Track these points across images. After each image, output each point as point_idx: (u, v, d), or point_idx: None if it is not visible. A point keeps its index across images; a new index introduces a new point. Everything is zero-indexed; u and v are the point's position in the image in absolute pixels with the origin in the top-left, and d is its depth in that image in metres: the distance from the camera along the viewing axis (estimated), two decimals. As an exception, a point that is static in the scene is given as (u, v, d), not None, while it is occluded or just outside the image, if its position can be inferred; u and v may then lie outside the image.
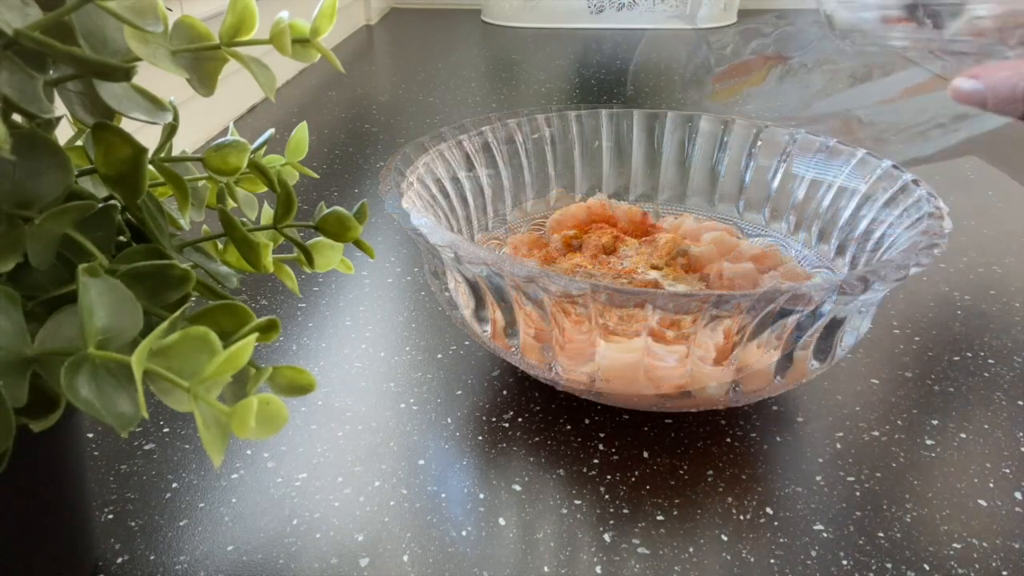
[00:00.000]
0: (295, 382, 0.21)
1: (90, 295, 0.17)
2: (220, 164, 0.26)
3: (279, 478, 0.32)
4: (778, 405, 0.36)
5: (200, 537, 0.29)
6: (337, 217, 0.27)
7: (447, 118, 0.81)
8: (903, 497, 0.31)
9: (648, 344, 0.31)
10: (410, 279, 0.48)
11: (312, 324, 0.43)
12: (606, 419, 0.35)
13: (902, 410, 0.36)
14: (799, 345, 0.31)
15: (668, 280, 0.39)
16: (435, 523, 0.30)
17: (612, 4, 1.34)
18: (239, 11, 0.21)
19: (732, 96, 0.43)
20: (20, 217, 0.18)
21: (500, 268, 0.29)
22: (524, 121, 0.46)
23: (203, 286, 0.23)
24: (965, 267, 0.50)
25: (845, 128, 0.41)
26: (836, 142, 0.42)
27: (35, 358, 0.17)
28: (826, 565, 0.28)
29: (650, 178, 0.49)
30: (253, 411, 0.16)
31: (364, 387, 0.38)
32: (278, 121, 0.78)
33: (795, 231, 0.44)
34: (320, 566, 0.28)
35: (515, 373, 0.39)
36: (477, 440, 0.34)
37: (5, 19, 0.17)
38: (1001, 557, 0.28)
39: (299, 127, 0.30)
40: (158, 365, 0.17)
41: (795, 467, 0.33)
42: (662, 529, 0.29)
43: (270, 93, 0.22)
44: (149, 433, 0.34)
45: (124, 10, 0.18)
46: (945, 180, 0.64)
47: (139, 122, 0.21)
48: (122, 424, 0.17)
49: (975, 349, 0.41)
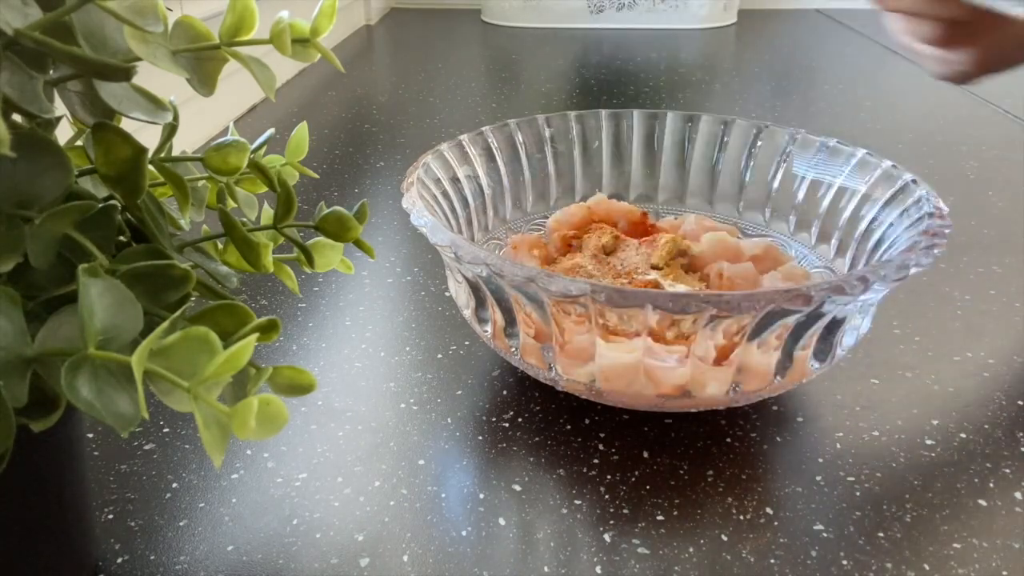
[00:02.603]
0: (295, 382, 0.21)
1: (90, 295, 0.17)
2: (220, 164, 0.26)
3: (279, 478, 0.32)
4: (778, 405, 0.36)
5: (200, 537, 0.29)
6: (337, 217, 0.27)
7: (447, 118, 0.81)
8: (903, 497, 0.31)
9: (648, 344, 0.31)
10: (410, 279, 0.48)
11: (312, 324, 0.43)
12: (606, 419, 0.35)
13: (902, 410, 0.36)
14: (799, 345, 0.31)
15: (668, 280, 0.39)
16: (435, 523, 0.30)
17: (612, 4, 1.34)
18: (239, 11, 0.21)
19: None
20: (20, 217, 0.18)
21: (500, 268, 0.29)
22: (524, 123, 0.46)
23: (203, 286, 0.23)
24: (965, 267, 0.50)
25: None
26: (836, 142, 0.42)
27: (35, 358, 0.17)
28: (826, 565, 0.28)
29: (650, 178, 0.49)
30: (253, 411, 0.16)
31: (364, 387, 0.38)
32: (278, 121, 0.78)
33: (795, 231, 0.44)
34: (320, 566, 0.28)
35: (515, 373, 0.39)
36: (477, 440, 0.34)
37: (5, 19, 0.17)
38: (1001, 557, 0.28)
39: (299, 127, 0.30)
40: (158, 365, 0.17)
41: (795, 467, 0.33)
42: (662, 529, 0.29)
43: (270, 93, 0.22)
44: (149, 433, 0.34)
45: (124, 10, 0.18)
46: (945, 180, 0.64)
47: (139, 122, 0.21)
48: (122, 424, 0.17)
49: (975, 349, 0.41)
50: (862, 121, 0.81)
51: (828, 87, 0.95)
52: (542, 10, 1.34)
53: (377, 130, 0.76)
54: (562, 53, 1.13)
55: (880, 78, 1.00)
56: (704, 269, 0.40)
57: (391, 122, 0.79)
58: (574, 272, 0.40)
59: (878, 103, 0.88)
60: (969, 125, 0.79)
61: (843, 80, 0.98)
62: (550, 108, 0.84)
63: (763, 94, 0.92)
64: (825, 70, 1.05)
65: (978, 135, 0.76)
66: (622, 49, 1.16)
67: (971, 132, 0.77)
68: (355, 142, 0.73)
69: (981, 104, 0.87)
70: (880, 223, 0.38)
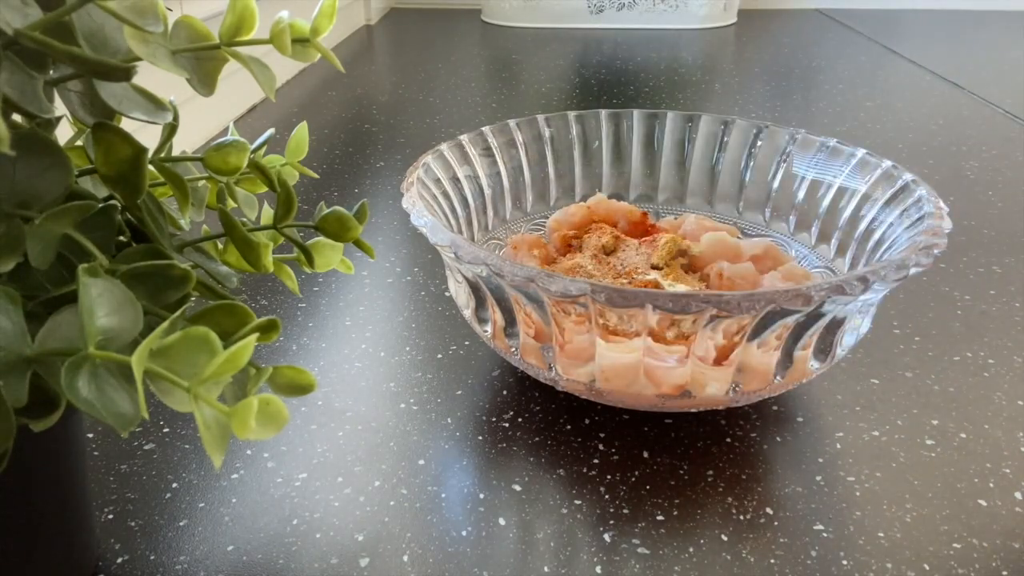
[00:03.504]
0: (295, 382, 0.21)
1: (90, 295, 0.17)
2: (220, 164, 0.26)
3: (279, 478, 0.32)
4: (778, 405, 0.36)
5: (200, 537, 0.29)
6: (337, 217, 0.27)
7: (447, 118, 0.81)
8: (903, 497, 0.31)
9: (648, 344, 0.30)
10: (410, 279, 0.48)
11: (312, 324, 0.43)
12: (606, 419, 0.35)
13: (902, 410, 0.36)
14: (799, 345, 0.31)
15: (668, 280, 0.39)
16: (435, 523, 0.30)
17: (612, 4, 1.34)
18: (239, 11, 0.21)
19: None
20: (20, 217, 0.18)
21: (500, 268, 0.29)
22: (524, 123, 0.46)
23: (203, 286, 0.23)
24: (965, 267, 0.50)
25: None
26: (836, 142, 0.42)
27: (35, 358, 0.17)
28: (826, 565, 0.28)
29: (650, 178, 0.49)
30: (253, 411, 0.16)
31: (364, 387, 0.38)
32: (278, 121, 0.78)
33: (795, 231, 0.44)
34: (320, 566, 0.28)
35: (515, 373, 0.39)
36: (477, 440, 0.34)
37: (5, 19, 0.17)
38: (1001, 557, 0.28)
39: (299, 127, 0.30)
40: (158, 365, 0.17)
41: (795, 467, 0.33)
42: (662, 529, 0.29)
43: (270, 93, 0.22)
44: (149, 433, 0.34)
45: (124, 10, 0.18)
46: (945, 180, 0.64)
47: (139, 122, 0.21)
48: (122, 424, 0.17)
49: (975, 349, 0.41)
50: (862, 121, 0.81)
51: (828, 87, 0.95)
52: (542, 10, 1.34)
53: (377, 130, 0.76)
54: (562, 53, 1.13)
55: (880, 78, 1.00)
56: (704, 269, 0.40)
57: (391, 122, 0.79)
58: (574, 272, 0.40)
59: (878, 103, 0.88)
60: (969, 125, 0.79)
61: (843, 80, 0.98)
62: (550, 108, 0.84)
63: (763, 94, 0.92)
64: (825, 70, 1.05)
65: (978, 135, 0.76)
66: (622, 49, 1.16)
67: (971, 132, 0.77)
68: (355, 142, 0.73)
69: (981, 104, 0.87)
70: (880, 223, 0.38)
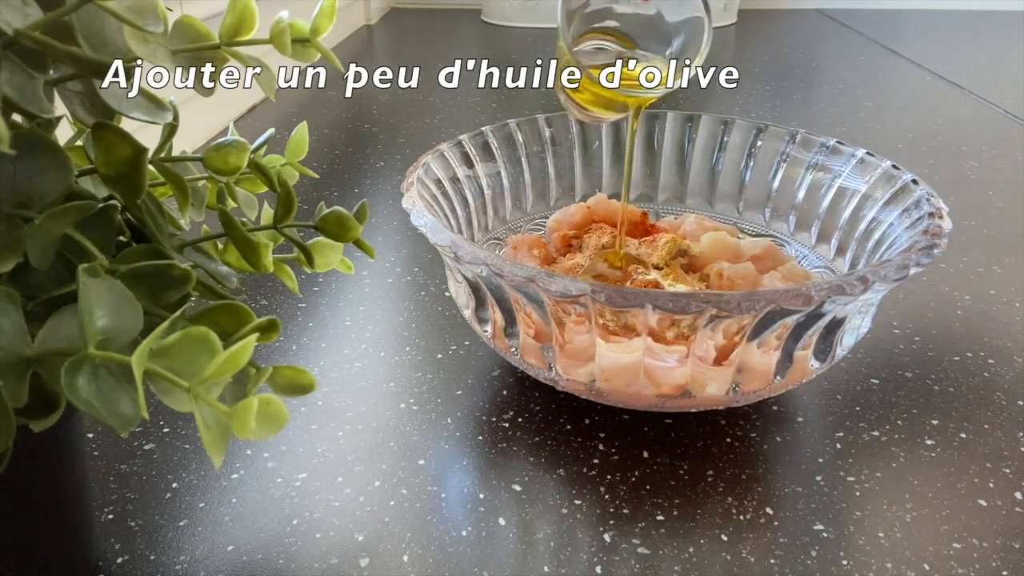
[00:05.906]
0: (295, 382, 0.21)
1: (90, 295, 0.17)
2: (220, 164, 0.26)
3: (279, 478, 0.32)
4: (778, 405, 0.36)
5: (200, 537, 0.29)
6: (337, 217, 0.27)
7: (447, 118, 0.81)
8: (903, 497, 0.31)
9: (648, 344, 0.30)
10: (410, 279, 0.48)
11: (312, 324, 0.43)
12: (606, 419, 0.35)
13: (902, 410, 0.36)
14: (799, 345, 0.31)
15: (668, 280, 0.39)
16: (435, 523, 0.30)
17: (612, 4, 1.33)
18: (239, 11, 0.21)
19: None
20: (20, 217, 0.18)
21: (500, 268, 0.29)
22: (524, 123, 0.46)
23: (203, 286, 0.23)
24: (965, 267, 0.50)
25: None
26: (836, 142, 0.42)
27: (35, 358, 0.17)
28: (826, 565, 0.28)
29: (649, 178, 0.49)
30: (253, 411, 0.16)
31: (364, 387, 0.38)
32: (278, 121, 0.78)
33: (795, 231, 0.44)
34: (320, 566, 0.28)
35: (515, 373, 0.39)
36: (477, 440, 0.34)
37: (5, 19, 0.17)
38: (1001, 557, 0.28)
39: (299, 127, 0.30)
40: (158, 365, 0.17)
41: (795, 467, 0.33)
42: (662, 529, 0.29)
43: (270, 93, 0.22)
44: (149, 433, 0.34)
45: (124, 10, 0.18)
46: (945, 180, 0.64)
47: (139, 122, 0.21)
48: (122, 424, 0.17)
49: (975, 349, 0.41)
50: (862, 121, 0.81)
51: (828, 87, 0.95)
52: (542, 10, 1.34)
53: (377, 130, 0.76)
54: (562, 53, 1.13)
55: (880, 78, 1.00)
56: (704, 269, 0.40)
57: (391, 122, 0.79)
58: (574, 272, 0.40)
59: (878, 103, 0.88)
60: (969, 125, 0.79)
61: (843, 80, 0.98)
62: (550, 108, 0.84)
63: (763, 94, 0.92)
64: (825, 70, 1.05)
65: (978, 135, 0.76)
66: (622, 49, 1.16)
67: (971, 132, 0.77)
68: (355, 142, 0.73)
69: (981, 104, 0.87)
70: (880, 223, 0.38)
